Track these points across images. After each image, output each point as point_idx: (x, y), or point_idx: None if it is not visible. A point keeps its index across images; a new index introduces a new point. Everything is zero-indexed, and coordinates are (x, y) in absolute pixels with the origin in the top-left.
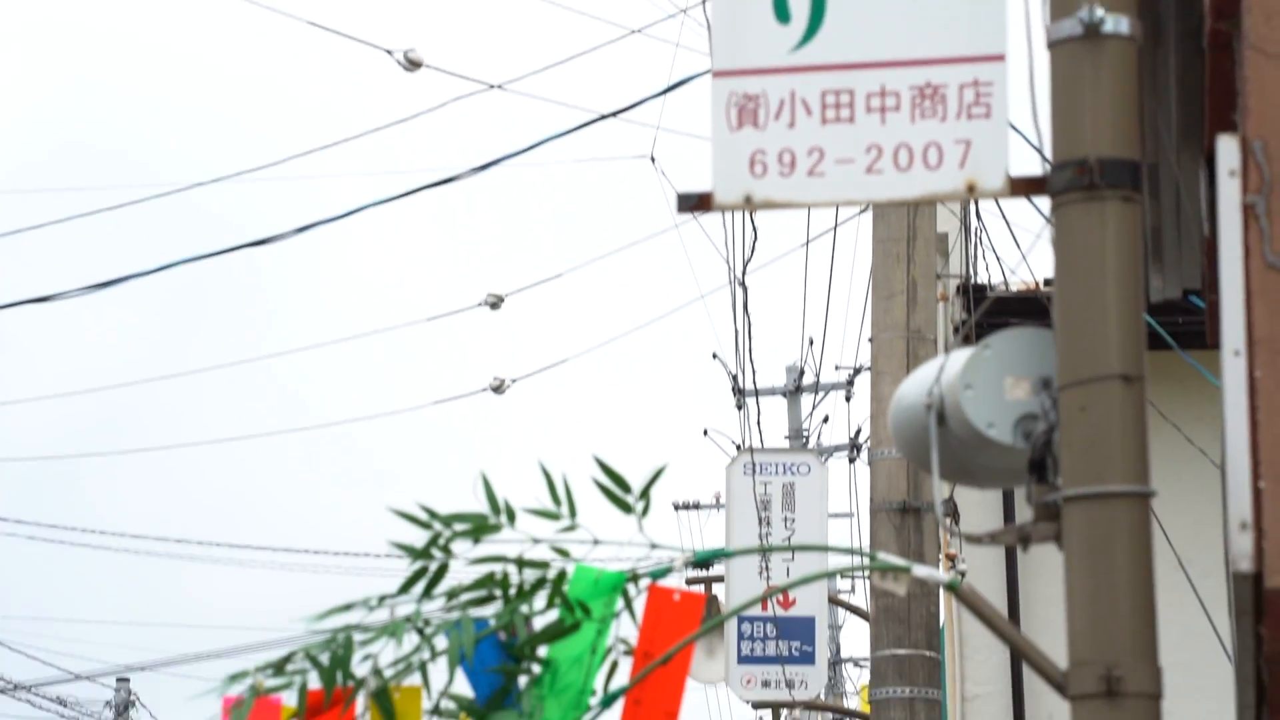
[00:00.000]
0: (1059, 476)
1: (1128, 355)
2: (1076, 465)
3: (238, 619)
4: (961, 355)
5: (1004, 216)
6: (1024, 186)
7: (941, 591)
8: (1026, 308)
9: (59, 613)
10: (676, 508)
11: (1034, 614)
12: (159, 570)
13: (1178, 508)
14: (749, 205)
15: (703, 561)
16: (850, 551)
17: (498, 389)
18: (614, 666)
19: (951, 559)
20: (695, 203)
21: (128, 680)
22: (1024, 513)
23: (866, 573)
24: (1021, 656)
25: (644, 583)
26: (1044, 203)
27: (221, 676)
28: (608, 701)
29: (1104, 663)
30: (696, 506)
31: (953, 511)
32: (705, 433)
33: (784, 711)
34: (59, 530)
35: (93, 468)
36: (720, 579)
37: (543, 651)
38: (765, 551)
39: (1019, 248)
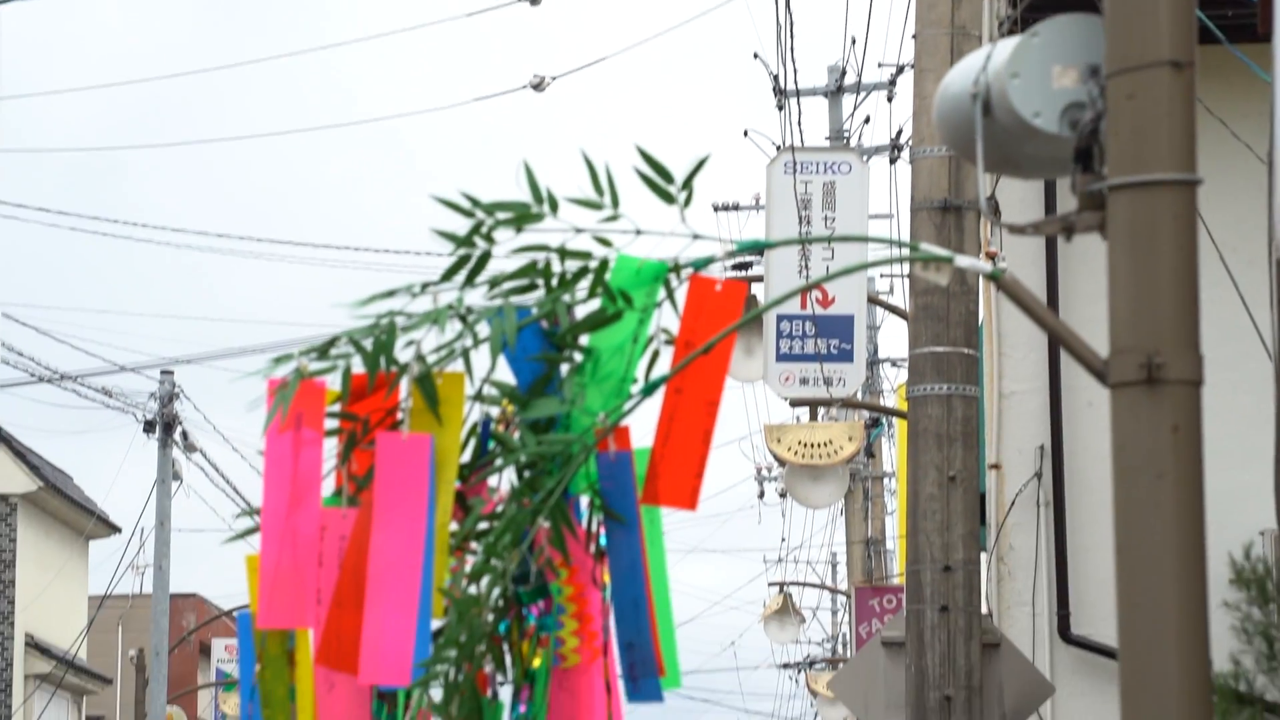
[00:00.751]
0: (1104, 165)
1: (1178, 41)
2: (1123, 153)
3: (280, 314)
4: (1009, 44)
5: None
6: None
7: (980, 289)
8: (1072, 3)
9: (103, 304)
10: (716, 209)
11: (1073, 311)
12: (202, 264)
13: (1220, 204)
14: None
15: (744, 251)
16: (891, 242)
17: (537, 87)
18: (655, 355)
19: (992, 257)
20: None
21: (172, 373)
22: (1066, 207)
23: (907, 267)
24: (1062, 345)
25: (686, 272)
26: None
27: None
28: (649, 390)
29: (1145, 350)
30: (736, 208)
31: (995, 209)
32: (745, 134)
33: (821, 409)
34: (101, 222)
35: (138, 160)
36: (759, 279)
37: (584, 340)
38: (805, 243)
39: None
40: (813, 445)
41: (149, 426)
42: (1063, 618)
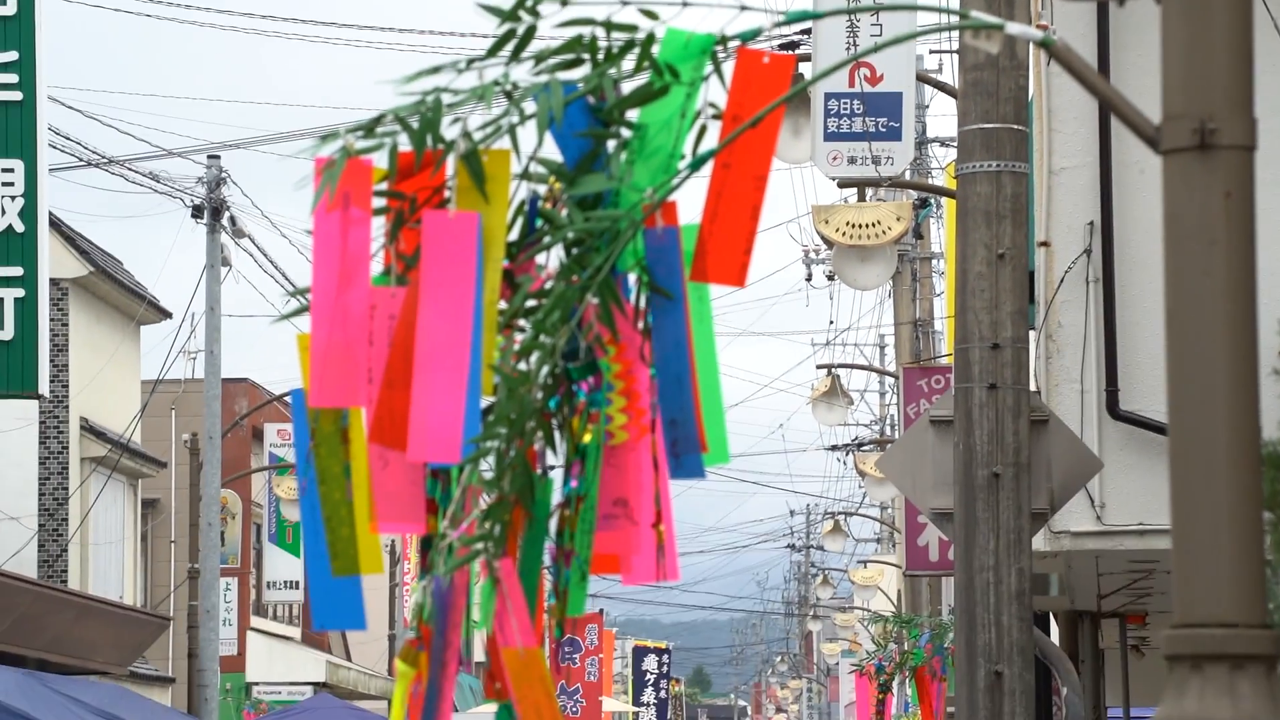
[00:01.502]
0: None
1: None
2: None
3: (328, 98)
4: None
5: None
6: None
7: (1030, 64)
8: None
9: (150, 88)
10: None
11: (1123, 86)
12: (249, 47)
13: None
14: None
15: (792, 21)
16: (941, 10)
17: None
18: (703, 130)
19: (1043, 30)
20: None
21: (219, 157)
22: None
23: (957, 43)
24: (1113, 111)
25: (733, 45)
26: None
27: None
28: (696, 165)
29: (1198, 115)
30: None
31: None
32: None
33: (869, 190)
34: (145, 3)
35: None
36: (807, 59)
37: (632, 115)
38: (854, 12)
39: None
40: (861, 226)
41: (197, 212)
42: (1111, 394)
